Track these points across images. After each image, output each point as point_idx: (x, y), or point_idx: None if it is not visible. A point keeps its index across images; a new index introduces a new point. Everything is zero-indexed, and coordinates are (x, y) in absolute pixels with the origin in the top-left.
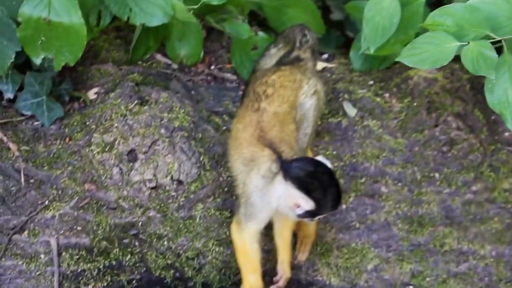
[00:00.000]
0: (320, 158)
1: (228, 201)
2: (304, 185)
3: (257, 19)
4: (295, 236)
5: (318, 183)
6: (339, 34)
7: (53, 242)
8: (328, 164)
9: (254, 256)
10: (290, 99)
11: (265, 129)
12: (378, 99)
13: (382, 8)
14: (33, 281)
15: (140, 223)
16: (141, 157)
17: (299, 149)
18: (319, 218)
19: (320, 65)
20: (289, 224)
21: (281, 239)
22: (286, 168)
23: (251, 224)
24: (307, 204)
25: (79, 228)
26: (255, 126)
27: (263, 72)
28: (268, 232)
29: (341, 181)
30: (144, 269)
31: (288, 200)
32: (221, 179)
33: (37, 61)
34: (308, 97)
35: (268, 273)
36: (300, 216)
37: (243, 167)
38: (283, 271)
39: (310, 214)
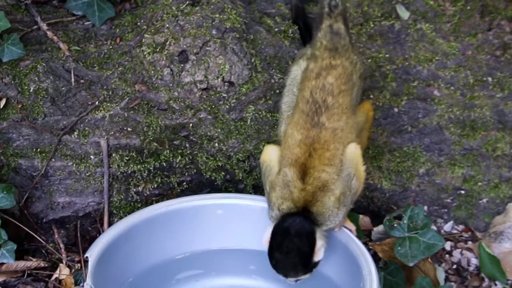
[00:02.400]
0: (320, 244)
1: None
2: (276, 232)
3: None
4: None
5: (281, 244)
6: None
7: (103, 143)
8: (318, 251)
9: None
10: (350, 104)
11: (313, 155)
12: (432, 2)
13: None
14: (83, 182)
15: (190, 125)
16: (192, 58)
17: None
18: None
19: None
20: None
21: None
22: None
23: None
24: (266, 241)
25: (129, 129)
26: (309, 145)
27: (314, 65)
28: None
29: (393, 84)
30: (195, 170)
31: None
32: (272, 81)
33: None
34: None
35: None
36: None
37: (278, 167)
38: None
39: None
